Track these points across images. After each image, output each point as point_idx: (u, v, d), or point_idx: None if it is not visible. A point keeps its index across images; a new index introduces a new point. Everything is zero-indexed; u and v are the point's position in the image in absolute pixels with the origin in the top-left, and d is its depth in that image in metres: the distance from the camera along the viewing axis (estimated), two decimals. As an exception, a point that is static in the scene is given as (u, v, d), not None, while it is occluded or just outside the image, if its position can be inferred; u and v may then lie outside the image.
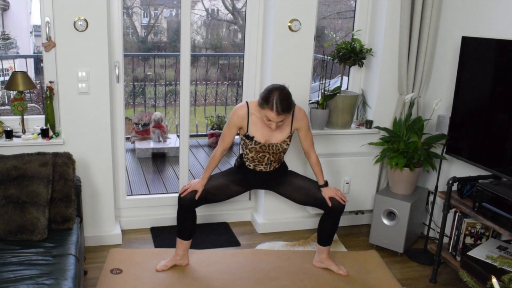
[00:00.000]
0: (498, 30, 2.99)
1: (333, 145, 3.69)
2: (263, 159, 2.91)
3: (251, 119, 2.82)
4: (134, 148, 5.65)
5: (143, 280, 2.92)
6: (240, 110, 2.83)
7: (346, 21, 6.53)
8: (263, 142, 2.84)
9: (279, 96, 2.64)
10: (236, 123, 2.85)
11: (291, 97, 2.72)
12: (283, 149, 2.89)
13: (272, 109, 2.65)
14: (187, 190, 2.90)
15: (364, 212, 3.90)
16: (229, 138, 2.91)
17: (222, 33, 10.16)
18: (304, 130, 2.93)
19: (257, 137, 2.83)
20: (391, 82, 3.62)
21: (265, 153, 2.88)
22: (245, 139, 2.86)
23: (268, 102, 2.65)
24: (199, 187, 2.90)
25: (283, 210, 3.70)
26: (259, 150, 2.86)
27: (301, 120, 2.89)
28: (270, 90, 2.68)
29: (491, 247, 2.88)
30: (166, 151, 5.63)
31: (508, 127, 2.74)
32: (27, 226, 2.52)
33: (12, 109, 3.06)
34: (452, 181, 2.92)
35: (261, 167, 2.95)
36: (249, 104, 2.84)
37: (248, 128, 2.83)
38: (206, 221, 3.78)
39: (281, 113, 2.65)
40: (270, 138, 2.84)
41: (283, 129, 2.85)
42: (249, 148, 2.87)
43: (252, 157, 2.90)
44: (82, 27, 2.97)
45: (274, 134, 2.84)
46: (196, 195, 2.88)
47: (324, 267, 3.14)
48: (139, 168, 5.27)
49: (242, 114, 2.83)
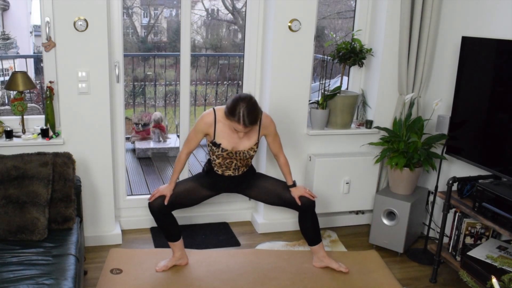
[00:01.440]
0: (498, 30, 2.99)
1: (333, 145, 3.69)
2: (230, 164, 2.91)
3: (217, 126, 2.81)
4: (134, 148, 5.65)
5: (143, 280, 2.92)
6: (207, 117, 2.82)
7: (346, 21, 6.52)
8: (230, 149, 2.83)
9: (245, 108, 2.62)
10: (203, 130, 2.84)
11: (258, 107, 2.70)
12: (250, 155, 2.90)
13: (239, 122, 2.64)
14: (155, 195, 2.89)
15: (364, 212, 3.90)
16: (195, 142, 2.91)
17: (222, 33, 10.16)
18: (271, 136, 2.95)
19: (224, 144, 2.82)
20: (391, 82, 3.62)
21: (232, 159, 2.88)
22: (212, 146, 2.85)
23: (235, 115, 2.63)
24: (167, 192, 2.89)
25: (283, 210, 3.70)
26: (226, 156, 2.86)
27: (268, 126, 2.89)
28: (235, 102, 2.65)
29: (491, 247, 2.88)
30: (166, 151, 5.63)
31: (508, 127, 2.74)
32: (27, 226, 2.52)
33: (12, 109, 3.06)
34: (452, 181, 2.92)
35: (229, 172, 2.94)
36: (216, 111, 2.82)
37: (215, 135, 2.82)
38: (206, 221, 3.78)
39: (248, 125, 2.65)
40: (237, 145, 2.83)
41: (250, 137, 2.85)
42: (216, 155, 2.87)
43: (220, 163, 2.90)
44: (82, 27, 2.97)
45: (241, 141, 2.83)
46: (165, 200, 2.87)
47: (325, 266, 3.14)
48: (139, 168, 5.27)
49: (209, 121, 2.81)
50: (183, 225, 3.61)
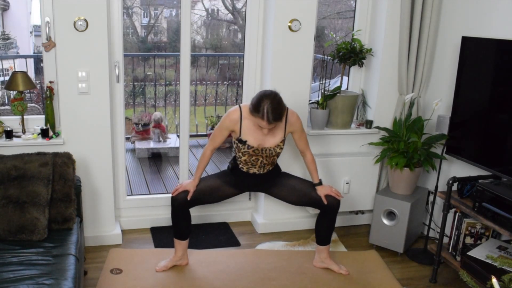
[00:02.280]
0: (498, 30, 2.99)
1: (333, 145, 3.69)
2: (256, 162, 2.90)
3: (243, 123, 2.81)
4: (134, 148, 5.65)
5: (143, 280, 2.92)
6: (233, 114, 2.82)
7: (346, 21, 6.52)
8: (256, 146, 2.83)
9: (270, 104, 2.62)
10: (228, 127, 2.84)
11: (282, 104, 2.70)
12: (277, 153, 2.89)
13: (263, 118, 2.64)
14: (178, 190, 2.90)
15: (364, 212, 3.90)
16: (220, 139, 2.91)
17: (222, 33, 10.16)
18: (298, 133, 2.94)
19: (250, 141, 2.82)
20: (391, 82, 3.62)
21: (258, 156, 2.87)
22: (238, 143, 2.85)
23: (259, 111, 2.64)
24: (190, 187, 2.89)
25: (283, 210, 3.70)
26: (252, 153, 2.86)
27: (294, 123, 2.89)
28: (260, 98, 2.65)
29: (491, 247, 2.88)
30: (166, 151, 5.63)
31: (508, 127, 2.74)
32: (27, 226, 2.52)
33: (12, 109, 3.06)
34: (452, 181, 2.92)
35: (254, 169, 2.94)
36: (242, 108, 2.83)
37: (241, 132, 2.82)
38: (206, 221, 3.78)
39: (272, 122, 2.66)
40: (263, 142, 2.83)
41: (276, 134, 2.84)
42: (242, 152, 2.86)
43: (245, 160, 2.90)
44: (82, 27, 2.97)
45: (267, 138, 2.83)
46: (188, 196, 2.87)
47: (325, 267, 3.14)
48: (139, 168, 5.27)
49: (235, 118, 2.81)
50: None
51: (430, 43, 3.43)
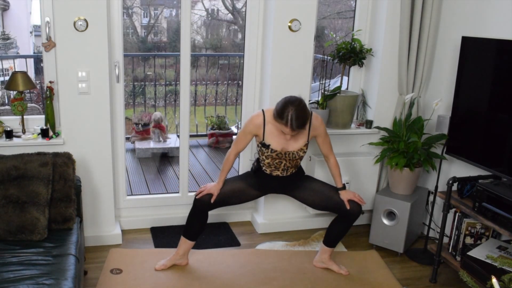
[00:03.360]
0: (498, 30, 2.99)
1: (333, 145, 3.67)
2: (279, 165, 2.90)
3: (267, 127, 2.81)
4: (134, 148, 5.65)
5: (143, 280, 2.92)
6: (256, 119, 2.83)
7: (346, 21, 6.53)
8: (280, 150, 2.82)
9: (294, 112, 2.61)
10: (252, 131, 2.85)
11: (307, 111, 2.69)
12: (300, 156, 2.88)
13: (286, 125, 2.63)
14: (203, 193, 2.90)
15: (364, 212, 3.89)
16: (243, 143, 2.91)
17: (222, 33, 10.16)
18: (322, 137, 2.93)
19: (273, 145, 2.82)
20: (391, 82, 3.62)
21: (282, 160, 2.87)
22: (261, 147, 2.85)
23: (283, 118, 2.63)
24: (215, 191, 2.90)
25: (283, 210, 3.70)
26: (276, 157, 2.86)
27: (318, 127, 2.88)
28: (285, 105, 2.64)
29: (491, 247, 2.88)
30: (166, 151, 5.63)
31: (508, 127, 2.74)
32: (27, 226, 2.52)
33: (12, 109, 3.06)
34: (452, 181, 2.92)
35: (278, 172, 2.94)
36: (265, 112, 2.83)
37: (264, 136, 2.82)
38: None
39: (296, 129, 2.65)
40: (286, 146, 2.83)
41: (299, 138, 2.84)
42: (265, 155, 2.87)
43: (269, 163, 2.90)
44: (82, 27, 2.97)
45: (290, 142, 2.83)
46: (211, 199, 2.88)
47: (325, 267, 3.14)
48: (139, 168, 5.27)
49: (258, 123, 2.82)
50: (183, 225, 3.61)
51: (430, 43, 3.43)
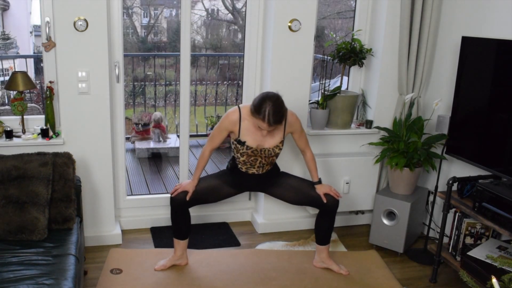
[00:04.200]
0: (498, 30, 2.99)
1: (333, 145, 3.69)
2: (255, 162, 2.91)
3: (242, 124, 2.81)
4: (134, 148, 5.65)
5: (143, 280, 2.92)
6: (232, 115, 2.82)
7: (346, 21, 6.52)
8: (255, 147, 2.83)
9: (272, 107, 2.62)
10: (227, 127, 2.84)
11: (284, 106, 2.70)
12: (275, 153, 2.89)
13: (264, 121, 2.64)
14: (178, 190, 2.90)
15: (364, 212, 3.90)
16: (219, 139, 2.91)
17: (222, 33, 10.16)
18: (297, 133, 2.95)
19: (249, 142, 2.82)
20: (391, 82, 3.62)
21: (257, 157, 2.88)
22: (237, 144, 2.85)
23: (260, 113, 2.63)
24: (189, 188, 2.89)
25: (283, 210, 3.70)
26: (251, 154, 2.86)
27: (293, 124, 2.89)
28: (262, 100, 2.65)
29: (491, 247, 2.88)
30: (166, 151, 5.63)
31: (508, 127, 2.74)
32: (27, 226, 2.52)
33: (12, 109, 3.06)
34: (452, 181, 2.92)
35: (253, 170, 2.94)
36: (241, 109, 2.83)
37: (240, 133, 2.82)
38: (206, 221, 3.78)
39: (273, 124, 2.66)
40: (262, 143, 2.83)
41: (275, 134, 2.84)
42: (241, 153, 2.87)
43: (244, 160, 2.90)
44: (82, 27, 2.97)
45: (266, 139, 2.83)
46: (187, 196, 2.88)
47: (325, 267, 3.14)
48: (139, 168, 5.27)
49: (234, 119, 2.81)
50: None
51: (430, 43, 3.43)
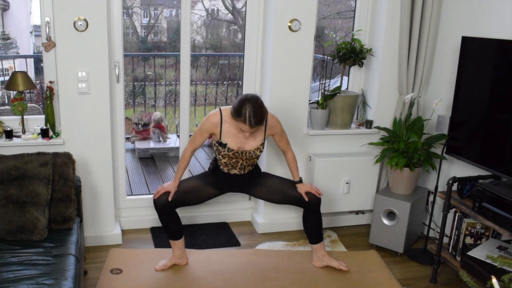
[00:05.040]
0: (498, 30, 2.99)
1: (333, 145, 3.69)
2: (236, 164, 2.92)
3: (224, 126, 2.82)
4: (134, 148, 5.65)
5: (143, 280, 2.92)
6: (213, 117, 2.83)
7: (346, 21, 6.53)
8: (236, 149, 2.84)
9: (252, 109, 2.63)
10: (208, 129, 2.85)
11: (264, 108, 2.71)
12: (256, 155, 2.91)
13: (245, 123, 2.65)
14: (160, 192, 2.90)
15: (364, 212, 3.90)
16: (200, 141, 2.92)
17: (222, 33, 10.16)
18: (278, 135, 2.97)
19: (230, 144, 2.83)
20: (391, 82, 3.62)
21: (238, 159, 2.89)
22: (218, 146, 2.86)
23: (241, 115, 2.65)
24: (172, 189, 2.90)
25: (283, 210, 3.70)
26: (232, 156, 2.87)
27: (274, 126, 2.91)
28: (242, 102, 2.66)
29: (491, 247, 2.88)
30: (166, 151, 5.63)
31: (508, 127, 2.74)
32: (27, 226, 2.52)
33: (12, 109, 3.06)
34: (452, 181, 2.92)
35: (235, 171, 2.96)
36: (223, 111, 2.84)
37: (221, 135, 2.83)
38: (206, 221, 3.78)
39: (254, 126, 2.67)
40: (243, 145, 2.84)
41: (256, 136, 2.86)
42: (222, 155, 2.88)
43: (226, 162, 2.92)
44: (82, 27, 2.97)
45: (248, 141, 2.84)
46: (169, 196, 2.88)
47: (325, 265, 3.15)
48: (139, 168, 5.27)
49: (215, 121, 2.82)
50: (183, 225, 3.61)
51: (430, 43, 3.43)
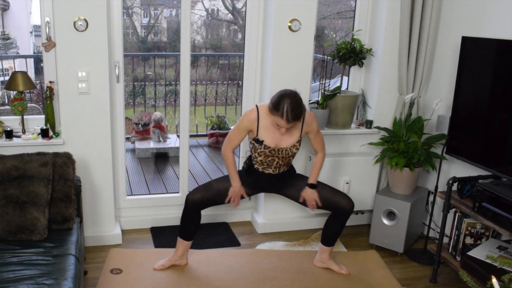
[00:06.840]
0: (498, 30, 2.99)
1: (333, 145, 3.69)
2: (272, 163, 2.90)
3: (261, 123, 2.80)
4: (134, 148, 5.65)
5: (143, 280, 2.92)
6: (250, 114, 2.81)
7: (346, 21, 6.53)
8: (273, 147, 2.82)
9: (290, 104, 2.60)
10: (247, 127, 2.83)
11: (302, 104, 2.68)
12: (293, 153, 2.88)
13: (282, 117, 2.62)
14: (236, 202, 2.93)
15: (364, 212, 3.90)
16: (238, 140, 2.89)
17: (222, 33, 10.16)
18: (313, 133, 2.93)
19: (267, 141, 2.81)
20: (391, 82, 3.62)
21: (274, 157, 2.87)
22: (255, 143, 2.84)
23: (278, 110, 2.62)
24: (241, 191, 2.93)
25: (283, 210, 3.70)
26: (268, 154, 2.85)
27: (311, 123, 2.88)
28: (281, 97, 2.64)
29: (491, 247, 2.88)
30: (166, 151, 5.63)
31: (508, 127, 2.74)
32: (27, 226, 2.52)
33: (12, 109, 3.06)
34: (452, 181, 2.92)
35: (270, 170, 2.93)
36: (259, 108, 2.82)
37: (258, 132, 2.81)
38: (206, 221, 3.78)
39: (291, 121, 2.64)
40: (280, 142, 2.82)
41: (293, 133, 2.83)
42: (258, 152, 2.86)
43: (261, 160, 2.89)
44: (82, 27, 2.97)
45: (284, 138, 2.82)
46: (244, 194, 2.93)
47: (325, 267, 3.14)
48: (139, 168, 5.27)
49: (252, 118, 2.80)
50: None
51: (430, 43, 3.43)
